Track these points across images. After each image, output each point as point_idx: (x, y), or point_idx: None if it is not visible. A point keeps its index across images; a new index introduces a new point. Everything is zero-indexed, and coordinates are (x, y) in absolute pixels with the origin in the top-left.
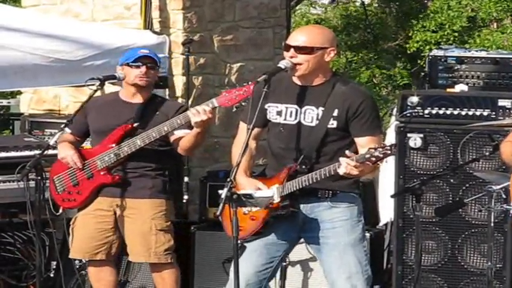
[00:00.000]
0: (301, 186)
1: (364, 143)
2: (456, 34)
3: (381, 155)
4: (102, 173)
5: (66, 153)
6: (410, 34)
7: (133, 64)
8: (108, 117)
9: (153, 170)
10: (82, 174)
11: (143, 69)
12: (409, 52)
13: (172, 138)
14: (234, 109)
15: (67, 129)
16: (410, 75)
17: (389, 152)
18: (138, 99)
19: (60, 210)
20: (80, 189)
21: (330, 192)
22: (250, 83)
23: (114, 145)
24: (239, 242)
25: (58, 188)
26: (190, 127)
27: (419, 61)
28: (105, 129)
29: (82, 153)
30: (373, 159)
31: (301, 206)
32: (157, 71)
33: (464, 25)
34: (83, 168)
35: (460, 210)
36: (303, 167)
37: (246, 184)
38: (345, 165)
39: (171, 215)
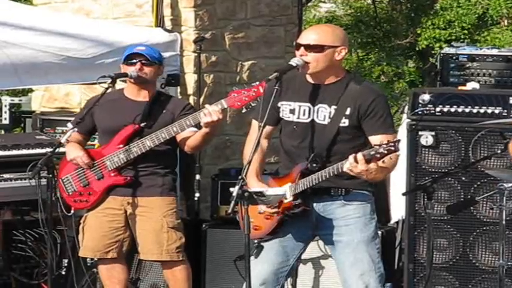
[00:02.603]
0: (312, 185)
1: (378, 142)
2: (466, 32)
3: (385, 152)
4: (112, 174)
5: (75, 154)
6: (419, 32)
7: (129, 62)
8: (116, 116)
9: (162, 168)
10: (92, 175)
11: (138, 66)
12: (417, 49)
13: (179, 138)
14: (244, 110)
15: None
16: (419, 73)
17: (393, 148)
18: (143, 97)
19: (72, 211)
20: (91, 190)
21: (343, 190)
22: (258, 82)
23: (122, 145)
24: (256, 241)
25: (68, 188)
26: (196, 126)
27: (430, 59)
28: (113, 128)
29: (90, 154)
30: (378, 155)
31: (315, 204)
32: (156, 67)
33: (473, 23)
34: (92, 169)
35: (472, 208)
36: (314, 165)
37: (255, 185)
38: (350, 162)
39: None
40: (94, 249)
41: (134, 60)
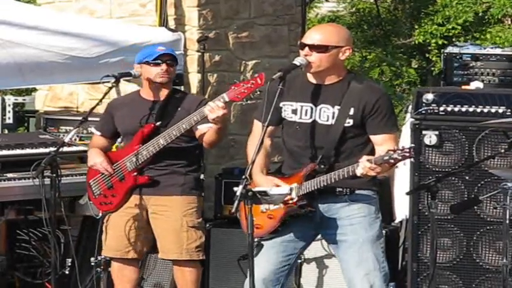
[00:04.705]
0: (319, 186)
1: (380, 141)
2: (459, 28)
3: (400, 157)
4: (133, 175)
5: (94, 161)
6: (416, 27)
7: (153, 62)
8: (132, 118)
9: (184, 166)
10: (115, 177)
11: (164, 66)
12: (414, 44)
13: (197, 134)
14: (245, 102)
15: (96, 132)
16: (420, 74)
17: (407, 154)
18: (159, 96)
19: (100, 214)
20: (115, 192)
21: (348, 189)
22: (257, 74)
23: (140, 145)
24: (256, 240)
25: (94, 191)
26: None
27: (427, 55)
28: (130, 130)
29: (111, 156)
30: (392, 161)
31: (319, 204)
32: (176, 67)
33: (470, 20)
34: (114, 171)
35: (475, 207)
36: (322, 166)
37: (263, 182)
38: (363, 167)
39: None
40: (115, 249)
41: (159, 61)
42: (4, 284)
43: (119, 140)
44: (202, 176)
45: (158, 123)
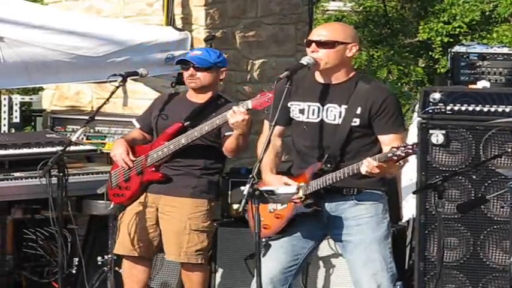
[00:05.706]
0: (325, 185)
1: (388, 141)
2: (465, 26)
3: (403, 154)
4: (150, 170)
5: (115, 151)
6: (422, 23)
7: (182, 66)
8: (165, 115)
9: (200, 169)
10: (134, 170)
11: (190, 71)
12: (418, 41)
13: (223, 139)
14: (266, 111)
15: (136, 124)
16: (427, 72)
17: (411, 151)
18: (201, 99)
19: (112, 205)
20: (129, 185)
21: (355, 189)
22: None
23: (164, 142)
24: (264, 240)
25: (113, 182)
26: None
27: (430, 53)
28: (162, 127)
29: (137, 150)
30: (395, 158)
31: (326, 204)
32: (212, 71)
33: (477, 19)
34: (134, 164)
35: (482, 206)
36: (328, 165)
37: (273, 181)
38: (367, 164)
39: (214, 215)
40: (125, 246)
41: (186, 66)
42: (11, 283)
43: None
44: None
45: (186, 123)
